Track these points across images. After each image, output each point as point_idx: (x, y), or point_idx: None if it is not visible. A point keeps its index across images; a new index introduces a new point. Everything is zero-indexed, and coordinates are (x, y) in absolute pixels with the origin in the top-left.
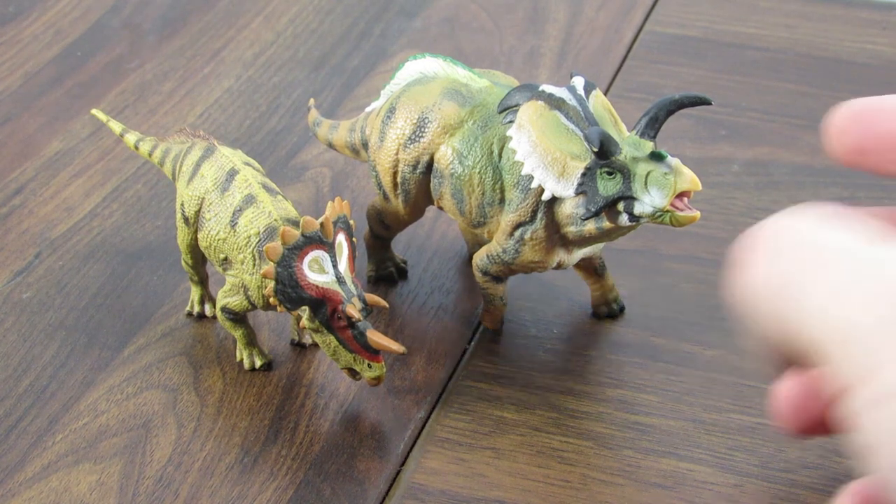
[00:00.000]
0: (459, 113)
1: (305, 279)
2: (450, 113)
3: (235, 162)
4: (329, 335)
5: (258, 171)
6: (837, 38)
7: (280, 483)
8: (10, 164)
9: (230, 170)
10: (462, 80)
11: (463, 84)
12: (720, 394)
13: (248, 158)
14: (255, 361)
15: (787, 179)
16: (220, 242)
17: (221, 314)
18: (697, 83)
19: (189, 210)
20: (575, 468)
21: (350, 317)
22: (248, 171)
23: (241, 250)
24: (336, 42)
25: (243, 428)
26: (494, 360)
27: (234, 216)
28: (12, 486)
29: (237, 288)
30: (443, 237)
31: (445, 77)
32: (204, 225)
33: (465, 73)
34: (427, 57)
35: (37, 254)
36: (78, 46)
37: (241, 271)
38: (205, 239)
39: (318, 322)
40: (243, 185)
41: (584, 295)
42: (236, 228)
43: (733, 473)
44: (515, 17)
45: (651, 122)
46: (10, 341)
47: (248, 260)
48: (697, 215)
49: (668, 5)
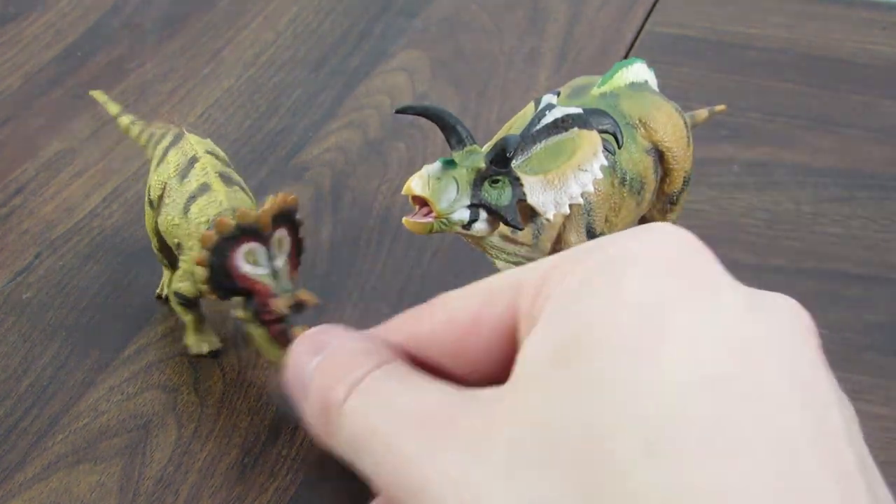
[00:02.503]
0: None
1: (237, 270)
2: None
3: (198, 150)
4: (260, 327)
5: (220, 161)
6: (837, 38)
7: (280, 483)
8: (10, 164)
9: (192, 157)
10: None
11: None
12: None
13: (215, 148)
14: (203, 347)
15: (787, 179)
16: (175, 228)
17: (173, 297)
18: (697, 83)
19: (153, 194)
20: None
21: (276, 310)
22: (208, 160)
23: (191, 237)
24: (336, 42)
25: (243, 428)
26: None
27: (188, 203)
28: (12, 486)
29: (188, 273)
30: (443, 239)
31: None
32: (163, 210)
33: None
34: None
35: (37, 254)
36: (78, 46)
37: (190, 258)
38: (162, 223)
39: (250, 313)
40: (201, 173)
41: None
42: (188, 215)
43: None
44: (515, 17)
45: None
46: (11, 341)
47: (196, 247)
48: (414, 224)
49: (668, 5)
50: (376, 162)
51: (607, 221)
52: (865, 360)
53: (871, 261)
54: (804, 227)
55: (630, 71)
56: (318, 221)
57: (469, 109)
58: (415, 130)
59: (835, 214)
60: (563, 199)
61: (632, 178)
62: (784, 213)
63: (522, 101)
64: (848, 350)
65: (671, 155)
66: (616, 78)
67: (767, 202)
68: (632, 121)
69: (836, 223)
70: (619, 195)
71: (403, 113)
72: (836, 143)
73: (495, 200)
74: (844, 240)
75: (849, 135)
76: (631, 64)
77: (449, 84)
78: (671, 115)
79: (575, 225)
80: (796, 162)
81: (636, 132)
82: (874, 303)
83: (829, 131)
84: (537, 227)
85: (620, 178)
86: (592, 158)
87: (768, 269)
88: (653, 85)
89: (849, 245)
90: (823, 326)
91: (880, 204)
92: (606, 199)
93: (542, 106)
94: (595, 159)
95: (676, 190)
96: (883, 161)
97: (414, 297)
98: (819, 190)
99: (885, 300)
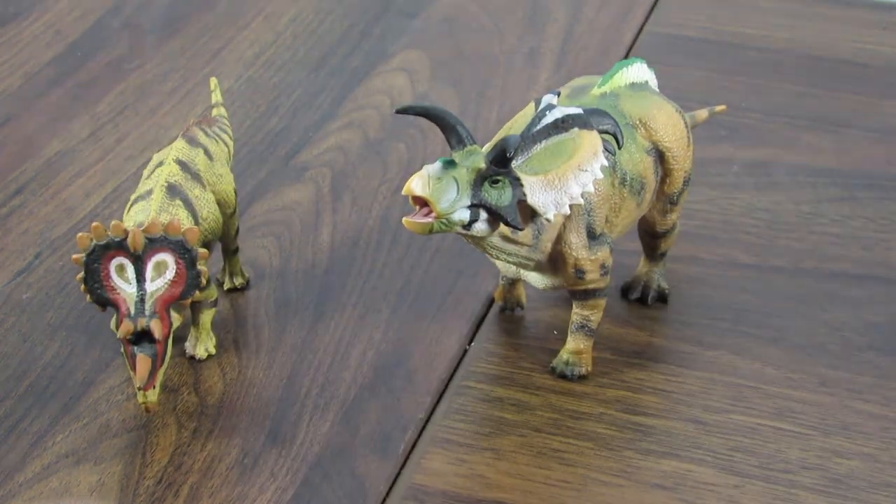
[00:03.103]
0: None
1: (109, 279)
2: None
3: (168, 155)
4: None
5: (184, 172)
6: (837, 38)
7: (280, 483)
8: (10, 164)
9: (160, 161)
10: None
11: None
12: (721, 394)
13: (191, 157)
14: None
15: (787, 179)
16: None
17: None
18: (697, 83)
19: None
20: (575, 469)
21: (116, 332)
22: (169, 168)
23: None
24: (336, 42)
25: (243, 428)
26: (494, 362)
27: (132, 203)
28: (12, 486)
29: None
30: (443, 239)
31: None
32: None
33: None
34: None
35: (37, 254)
36: (78, 46)
37: None
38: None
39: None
40: (154, 179)
41: None
42: (128, 214)
43: (733, 474)
44: (515, 17)
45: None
46: (11, 341)
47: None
48: (414, 224)
49: (668, 5)
50: (376, 162)
51: (608, 222)
52: (865, 360)
53: (871, 261)
54: (804, 226)
55: (630, 71)
56: (318, 221)
57: (469, 109)
58: (415, 130)
59: (834, 214)
60: (563, 200)
61: (632, 178)
62: (784, 213)
63: (522, 101)
64: (848, 350)
65: (671, 155)
66: (616, 78)
67: (767, 202)
68: (632, 121)
69: (835, 223)
70: (619, 195)
71: (404, 113)
72: (835, 143)
73: (496, 201)
74: (844, 240)
75: (848, 135)
76: (631, 64)
77: (449, 84)
78: (671, 116)
79: (575, 225)
80: (796, 162)
81: (636, 132)
82: (874, 303)
83: (828, 131)
84: (538, 228)
85: (621, 178)
86: (593, 158)
87: (768, 268)
88: (653, 85)
89: (848, 245)
90: (823, 326)
91: (880, 204)
92: (607, 199)
93: (542, 106)
94: (595, 159)
95: (676, 190)
96: (882, 161)
97: (414, 296)
98: (818, 190)
99: (884, 300)
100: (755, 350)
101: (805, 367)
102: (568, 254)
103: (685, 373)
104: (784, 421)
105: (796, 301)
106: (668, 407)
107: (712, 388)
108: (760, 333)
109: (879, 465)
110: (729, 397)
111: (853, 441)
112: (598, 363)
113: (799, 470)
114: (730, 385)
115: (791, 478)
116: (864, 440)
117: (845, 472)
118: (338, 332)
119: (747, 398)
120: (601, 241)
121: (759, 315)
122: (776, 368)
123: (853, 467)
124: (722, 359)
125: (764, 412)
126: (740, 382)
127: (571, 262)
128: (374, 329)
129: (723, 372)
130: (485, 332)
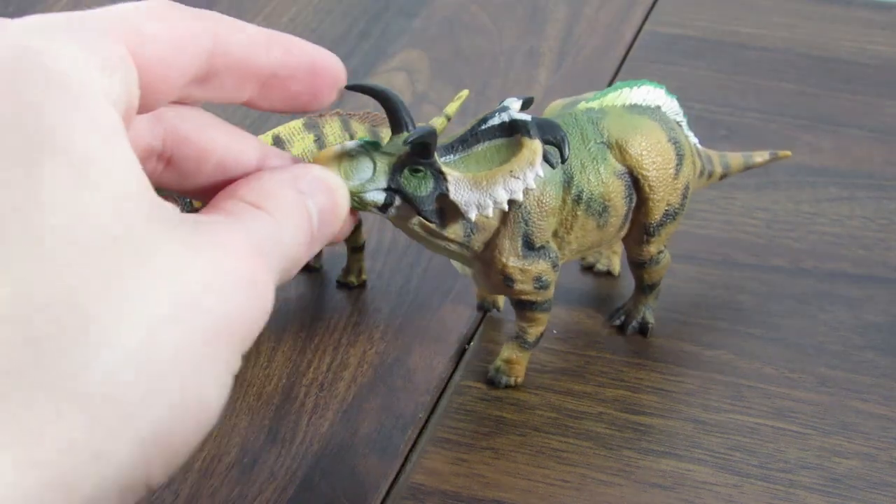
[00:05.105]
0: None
1: None
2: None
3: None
4: None
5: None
6: (837, 38)
7: (280, 483)
8: None
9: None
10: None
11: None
12: (720, 394)
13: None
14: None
15: (787, 179)
16: None
17: None
18: (697, 83)
19: None
20: (574, 468)
21: None
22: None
23: None
24: (336, 42)
25: (243, 428)
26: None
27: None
28: None
29: None
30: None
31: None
32: None
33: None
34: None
35: None
36: None
37: None
38: None
39: None
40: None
41: (582, 296)
42: None
43: (732, 474)
44: (515, 17)
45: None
46: None
47: None
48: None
49: (668, 5)
50: None
51: (557, 237)
52: (865, 360)
53: (870, 260)
54: (803, 226)
55: (634, 92)
56: None
57: (469, 109)
58: None
59: (834, 214)
60: (486, 202)
61: (591, 197)
62: (783, 213)
63: None
64: (847, 350)
65: (647, 184)
66: (612, 97)
67: (766, 202)
68: (607, 140)
69: (835, 223)
70: (571, 212)
71: (352, 90)
72: (835, 143)
73: (413, 189)
74: (843, 239)
75: (848, 135)
76: (638, 86)
77: (449, 84)
78: (657, 143)
79: (510, 231)
80: (795, 162)
81: (609, 153)
82: (873, 303)
83: (828, 131)
84: (470, 227)
85: (576, 195)
86: (527, 167)
87: (768, 268)
88: (668, 110)
89: (848, 245)
90: (823, 326)
91: (879, 204)
92: (552, 212)
93: (499, 107)
94: (530, 168)
95: (654, 222)
96: (882, 161)
97: (414, 295)
98: (818, 190)
99: (884, 300)
100: (754, 350)
101: (804, 367)
102: (497, 258)
103: (684, 372)
104: (783, 420)
105: (795, 301)
106: (668, 406)
107: (711, 388)
108: (760, 333)
109: (879, 465)
110: (728, 397)
111: (852, 441)
112: (597, 363)
113: (798, 469)
114: (729, 384)
115: (790, 477)
116: (863, 440)
117: (844, 471)
118: (337, 332)
119: (746, 398)
120: (541, 253)
121: (759, 315)
122: (775, 368)
123: (852, 467)
124: (721, 358)
125: (763, 411)
126: (740, 382)
127: (499, 267)
128: (373, 328)
129: (722, 371)
130: (485, 331)
